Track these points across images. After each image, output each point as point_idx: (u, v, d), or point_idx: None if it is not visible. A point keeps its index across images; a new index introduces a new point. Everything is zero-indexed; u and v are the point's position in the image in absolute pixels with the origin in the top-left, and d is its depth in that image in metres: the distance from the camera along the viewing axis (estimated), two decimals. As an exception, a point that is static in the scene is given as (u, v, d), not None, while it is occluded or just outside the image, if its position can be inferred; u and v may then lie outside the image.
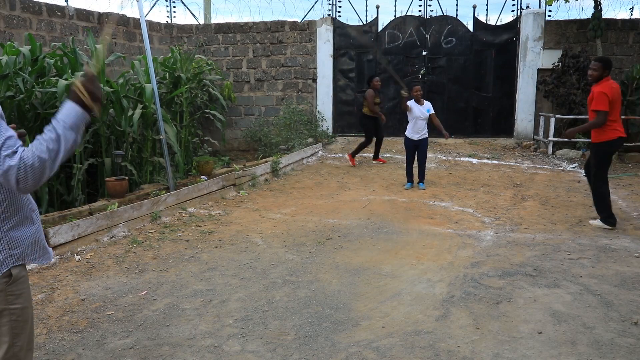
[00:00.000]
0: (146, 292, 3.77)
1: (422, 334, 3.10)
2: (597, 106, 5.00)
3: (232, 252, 4.68)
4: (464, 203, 6.54)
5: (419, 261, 4.40)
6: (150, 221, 5.56)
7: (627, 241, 4.92)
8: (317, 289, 3.79)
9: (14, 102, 5.83)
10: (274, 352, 2.90)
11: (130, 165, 6.54)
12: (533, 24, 10.13)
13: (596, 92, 5.03)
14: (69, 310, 3.46)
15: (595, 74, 5.08)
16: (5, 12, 7.69)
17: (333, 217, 5.89)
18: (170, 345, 2.99)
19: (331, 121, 10.99)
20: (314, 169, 8.87)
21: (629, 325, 3.18)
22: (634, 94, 9.85)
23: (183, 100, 8.33)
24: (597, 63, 5.09)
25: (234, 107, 11.18)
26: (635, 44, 10.12)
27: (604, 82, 5.06)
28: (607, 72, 5.08)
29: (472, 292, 3.73)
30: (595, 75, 5.09)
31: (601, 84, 5.07)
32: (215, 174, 7.23)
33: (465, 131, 10.85)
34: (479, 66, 10.70)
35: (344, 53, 10.87)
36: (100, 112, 1.75)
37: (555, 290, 3.75)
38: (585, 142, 9.87)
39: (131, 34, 10.12)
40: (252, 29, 10.99)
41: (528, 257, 4.47)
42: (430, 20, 10.64)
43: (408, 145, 7.35)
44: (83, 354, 2.90)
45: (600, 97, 4.98)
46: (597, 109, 5.00)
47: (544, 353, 2.87)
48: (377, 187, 7.52)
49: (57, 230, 4.49)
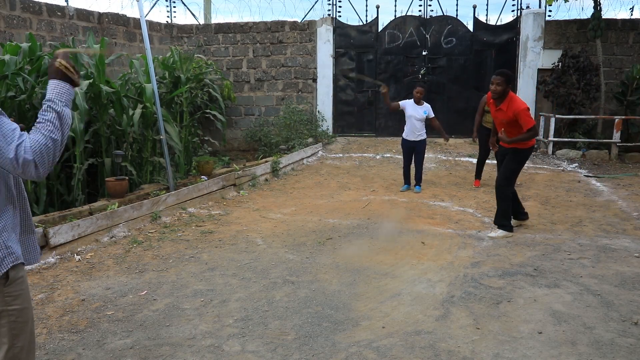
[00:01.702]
0: (146, 292, 3.77)
1: (422, 334, 3.10)
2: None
3: (232, 252, 4.68)
4: (464, 203, 6.54)
5: (419, 261, 4.40)
6: (150, 221, 5.56)
7: (627, 241, 4.92)
8: (317, 289, 3.79)
9: (14, 102, 5.83)
10: (274, 352, 2.90)
11: (130, 165, 6.54)
12: (533, 24, 10.13)
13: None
14: (69, 310, 3.45)
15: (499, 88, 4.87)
16: (5, 12, 7.69)
17: (333, 217, 5.89)
18: (170, 345, 2.99)
19: (331, 121, 11.00)
20: (314, 169, 8.87)
21: (629, 325, 3.18)
22: (634, 94, 9.85)
23: (183, 100, 8.33)
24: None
25: (234, 107, 11.19)
26: (635, 44, 10.12)
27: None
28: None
29: (472, 292, 3.73)
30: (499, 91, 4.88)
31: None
32: (215, 174, 7.23)
33: (465, 131, 10.83)
34: (479, 66, 10.70)
35: (344, 53, 10.87)
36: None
37: (556, 290, 3.75)
38: (585, 142, 9.88)
39: (131, 34, 10.12)
40: (252, 29, 10.99)
41: (528, 257, 4.47)
42: (430, 20, 10.65)
43: (405, 147, 7.24)
44: (83, 354, 2.90)
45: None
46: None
47: (544, 353, 2.87)
48: (377, 187, 7.52)
49: (57, 230, 4.49)
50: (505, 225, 5.11)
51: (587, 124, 10.01)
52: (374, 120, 11.08)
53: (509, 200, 5.12)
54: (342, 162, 9.40)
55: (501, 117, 4.98)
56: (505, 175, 5.11)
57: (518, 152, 5.06)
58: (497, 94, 4.91)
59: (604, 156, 9.64)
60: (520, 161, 5.11)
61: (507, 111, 4.89)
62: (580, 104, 9.81)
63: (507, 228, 5.10)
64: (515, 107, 4.84)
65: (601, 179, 7.99)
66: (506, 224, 5.11)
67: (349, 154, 9.88)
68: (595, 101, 9.97)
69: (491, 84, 4.95)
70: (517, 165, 5.12)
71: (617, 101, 10.09)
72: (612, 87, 10.18)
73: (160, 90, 7.52)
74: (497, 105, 5.02)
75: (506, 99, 4.92)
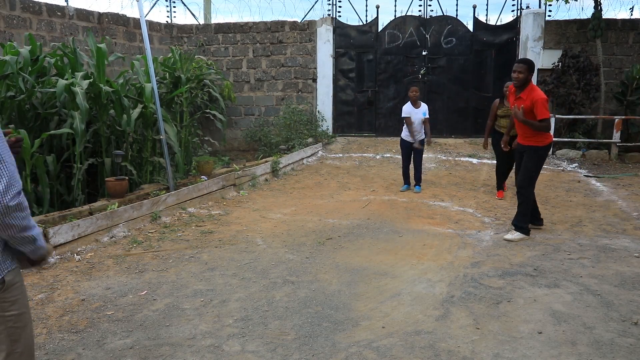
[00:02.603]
0: (146, 292, 3.77)
1: (422, 334, 3.10)
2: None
3: (232, 252, 4.68)
4: (464, 203, 6.54)
5: (419, 261, 4.40)
6: (150, 221, 5.56)
7: (627, 241, 4.92)
8: (317, 289, 3.79)
9: (14, 102, 5.82)
10: (274, 352, 2.90)
11: (130, 165, 6.53)
12: (533, 24, 10.12)
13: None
14: (69, 310, 3.45)
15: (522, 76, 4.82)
16: (5, 12, 7.69)
17: (333, 217, 5.89)
18: (170, 345, 2.99)
19: (331, 121, 10.99)
20: (314, 169, 8.87)
21: (629, 325, 3.18)
22: (634, 94, 9.85)
23: (183, 100, 8.32)
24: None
25: (234, 107, 11.19)
26: (635, 44, 10.12)
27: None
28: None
29: (472, 292, 3.73)
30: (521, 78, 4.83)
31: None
32: (215, 174, 7.23)
33: (465, 131, 10.86)
34: (479, 66, 10.70)
35: (344, 53, 10.87)
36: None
37: (555, 290, 3.75)
38: (585, 142, 9.88)
39: (131, 34, 10.12)
40: (252, 29, 10.99)
41: (528, 257, 4.47)
42: (430, 20, 10.64)
43: (404, 147, 7.25)
44: (83, 354, 2.90)
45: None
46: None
47: (544, 353, 2.87)
48: (377, 187, 7.52)
49: (57, 230, 4.49)
50: (523, 228, 5.01)
51: (587, 124, 10.01)
52: (373, 120, 11.08)
53: (529, 202, 5.04)
54: (342, 162, 9.40)
55: (520, 106, 4.90)
56: (525, 176, 5.02)
57: (535, 150, 4.98)
58: (520, 81, 4.82)
59: (604, 156, 9.64)
60: (538, 160, 5.01)
61: (527, 100, 4.83)
62: (580, 104, 9.81)
63: (524, 231, 5.00)
64: (534, 96, 4.78)
65: (601, 179, 7.99)
66: (524, 226, 5.02)
67: (349, 154, 9.88)
68: (595, 101, 9.97)
69: (513, 72, 4.86)
70: (535, 164, 5.01)
71: (617, 101, 10.09)
72: (612, 87, 10.18)
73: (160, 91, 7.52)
74: (517, 94, 4.95)
75: (527, 88, 4.86)
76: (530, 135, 4.96)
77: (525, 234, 5.00)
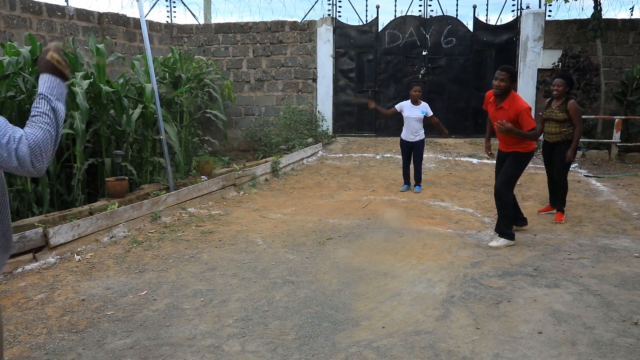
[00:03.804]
0: (146, 292, 3.77)
1: (422, 334, 3.10)
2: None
3: (232, 252, 4.68)
4: (464, 203, 6.54)
5: (419, 261, 4.40)
6: (150, 221, 5.56)
7: (627, 241, 4.92)
8: (317, 289, 3.79)
9: (14, 102, 5.82)
10: (274, 352, 2.90)
11: (130, 165, 6.53)
12: (533, 24, 10.13)
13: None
14: (69, 310, 3.46)
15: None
16: (5, 12, 7.70)
17: (333, 217, 5.89)
18: (170, 345, 2.99)
19: (331, 121, 10.99)
20: (314, 169, 8.87)
21: (629, 325, 3.18)
22: (634, 94, 9.85)
23: (183, 100, 8.32)
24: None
25: (234, 107, 11.18)
26: (635, 44, 10.12)
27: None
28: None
29: (472, 292, 3.73)
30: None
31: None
32: (215, 174, 7.23)
33: (465, 131, 10.85)
34: (479, 66, 10.70)
35: (344, 53, 10.87)
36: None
37: (556, 290, 3.75)
38: (585, 142, 9.88)
39: (131, 34, 10.12)
40: (252, 29, 10.99)
41: (528, 257, 4.47)
42: (430, 20, 10.64)
43: (403, 147, 7.25)
44: (83, 354, 2.90)
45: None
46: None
47: (544, 353, 2.87)
48: (377, 187, 7.52)
49: (57, 230, 4.49)
50: (507, 233, 4.86)
51: (587, 124, 10.00)
52: (373, 120, 11.07)
53: (509, 207, 4.89)
54: (342, 162, 9.40)
55: (501, 116, 4.72)
56: (503, 181, 4.88)
57: (518, 156, 4.84)
58: (501, 90, 4.67)
59: (604, 156, 9.64)
60: (519, 166, 4.89)
61: (509, 110, 4.66)
62: (580, 104, 9.80)
63: (508, 236, 4.85)
64: (517, 106, 4.62)
65: (601, 179, 7.99)
66: (508, 232, 4.87)
67: (349, 154, 9.88)
68: (595, 101, 9.97)
69: (494, 80, 4.70)
70: (516, 170, 4.89)
71: (617, 101, 10.09)
72: (612, 87, 10.18)
73: (160, 91, 7.52)
74: (497, 103, 4.78)
75: (508, 97, 4.69)
76: (514, 143, 4.83)
77: (510, 239, 4.85)
